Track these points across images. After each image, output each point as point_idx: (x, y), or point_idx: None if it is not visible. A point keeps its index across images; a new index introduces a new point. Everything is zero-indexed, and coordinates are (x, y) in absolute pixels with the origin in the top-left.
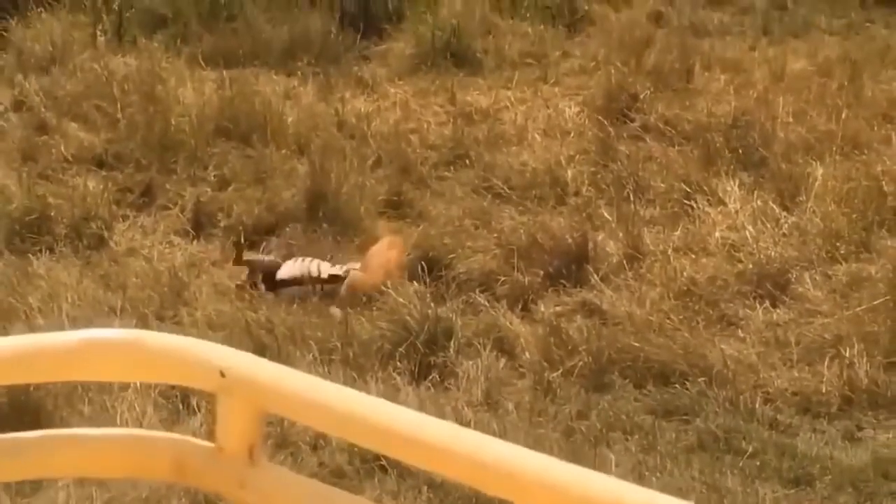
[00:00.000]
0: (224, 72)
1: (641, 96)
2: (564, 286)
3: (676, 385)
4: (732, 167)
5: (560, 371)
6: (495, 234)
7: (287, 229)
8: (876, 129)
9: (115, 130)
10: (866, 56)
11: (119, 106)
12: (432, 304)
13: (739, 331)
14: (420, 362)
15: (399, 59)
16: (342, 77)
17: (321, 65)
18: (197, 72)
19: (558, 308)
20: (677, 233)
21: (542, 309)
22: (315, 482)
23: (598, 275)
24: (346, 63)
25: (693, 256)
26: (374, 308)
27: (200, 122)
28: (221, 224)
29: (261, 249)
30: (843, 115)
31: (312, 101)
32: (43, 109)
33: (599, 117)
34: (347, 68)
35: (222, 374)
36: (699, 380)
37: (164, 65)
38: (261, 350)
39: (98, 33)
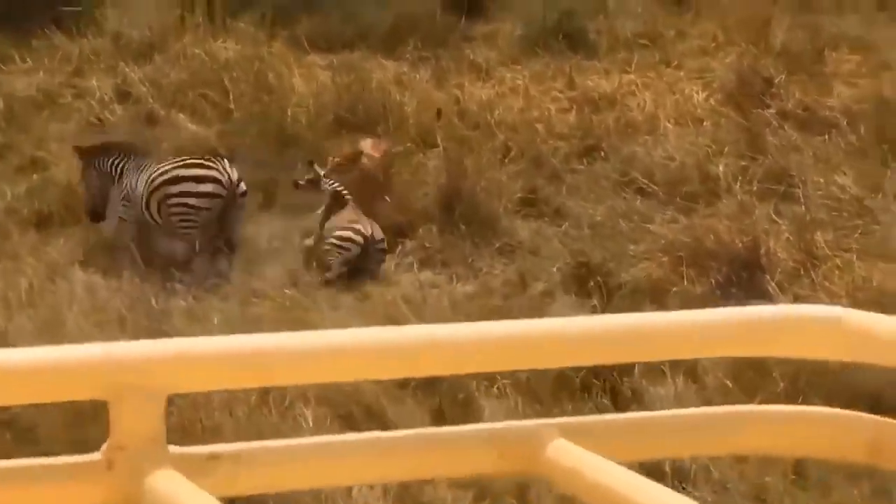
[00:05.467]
0: (333, 57)
1: (776, 81)
2: (737, 295)
3: None
4: (892, 156)
5: (758, 400)
6: (662, 240)
7: (420, 231)
8: None
9: (227, 122)
10: None
11: (231, 96)
12: None
13: None
14: (608, 389)
15: (508, 41)
16: (453, 61)
17: (429, 48)
18: (303, 57)
19: None
20: (852, 234)
21: None
22: None
23: (773, 282)
24: (455, 46)
25: (878, 262)
26: None
27: (318, 113)
28: None
29: (396, 252)
30: None
31: (427, 87)
32: (150, 100)
33: (736, 105)
34: (457, 52)
35: None
36: None
37: (268, 49)
38: None
39: (185, 14)
